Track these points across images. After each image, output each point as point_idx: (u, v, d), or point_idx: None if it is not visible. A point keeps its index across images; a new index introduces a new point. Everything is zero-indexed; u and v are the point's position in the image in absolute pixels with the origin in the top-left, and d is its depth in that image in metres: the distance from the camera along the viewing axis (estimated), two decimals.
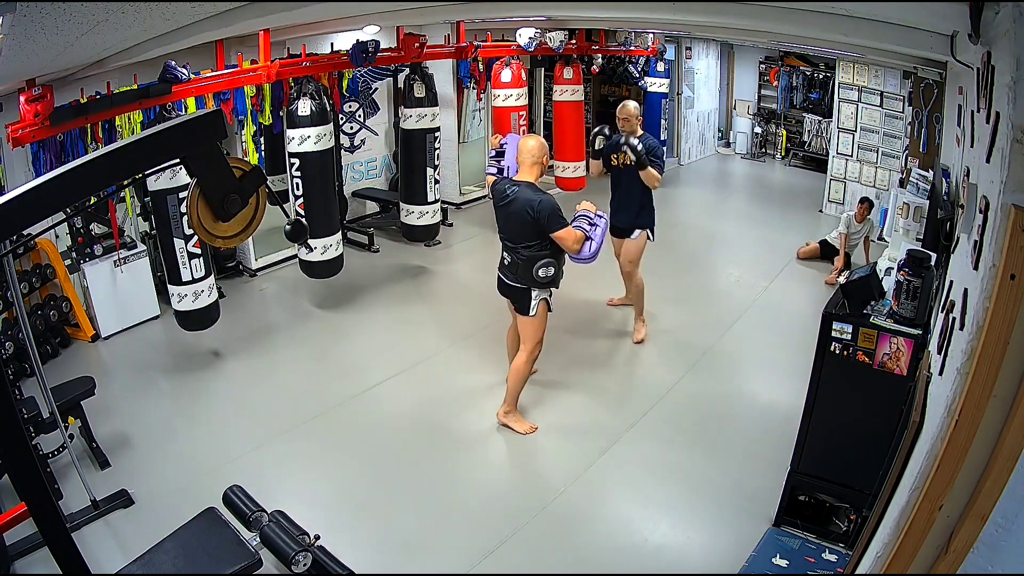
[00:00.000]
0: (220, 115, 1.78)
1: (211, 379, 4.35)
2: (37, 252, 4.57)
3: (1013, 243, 1.18)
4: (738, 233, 7.45)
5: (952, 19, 2.02)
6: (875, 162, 7.47)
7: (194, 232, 2.80)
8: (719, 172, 10.38)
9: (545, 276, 3.48)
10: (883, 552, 1.61)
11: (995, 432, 1.27)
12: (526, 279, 3.50)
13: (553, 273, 3.51)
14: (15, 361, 4.13)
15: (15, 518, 2.48)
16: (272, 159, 5.56)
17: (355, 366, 4.45)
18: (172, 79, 4.16)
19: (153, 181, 3.90)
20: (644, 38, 8.36)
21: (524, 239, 3.46)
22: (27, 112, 3.52)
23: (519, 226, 3.45)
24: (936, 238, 2.88)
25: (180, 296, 4.19)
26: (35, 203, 1.41)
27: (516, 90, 6.53)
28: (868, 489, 2.44)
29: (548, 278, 3.50)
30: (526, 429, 3.76)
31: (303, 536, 2.67)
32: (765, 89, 10.72)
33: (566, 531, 3.11)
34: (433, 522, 3.16)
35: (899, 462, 1.89)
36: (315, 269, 5.02)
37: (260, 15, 3.19)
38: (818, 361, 2.82)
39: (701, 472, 3.47)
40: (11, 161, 4.29)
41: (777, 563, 2.80)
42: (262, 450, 3.62)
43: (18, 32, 1.88)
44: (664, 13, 4.49)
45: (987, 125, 1.43)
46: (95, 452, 3.52)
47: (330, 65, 5.17)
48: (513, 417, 3.78)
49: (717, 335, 4.91)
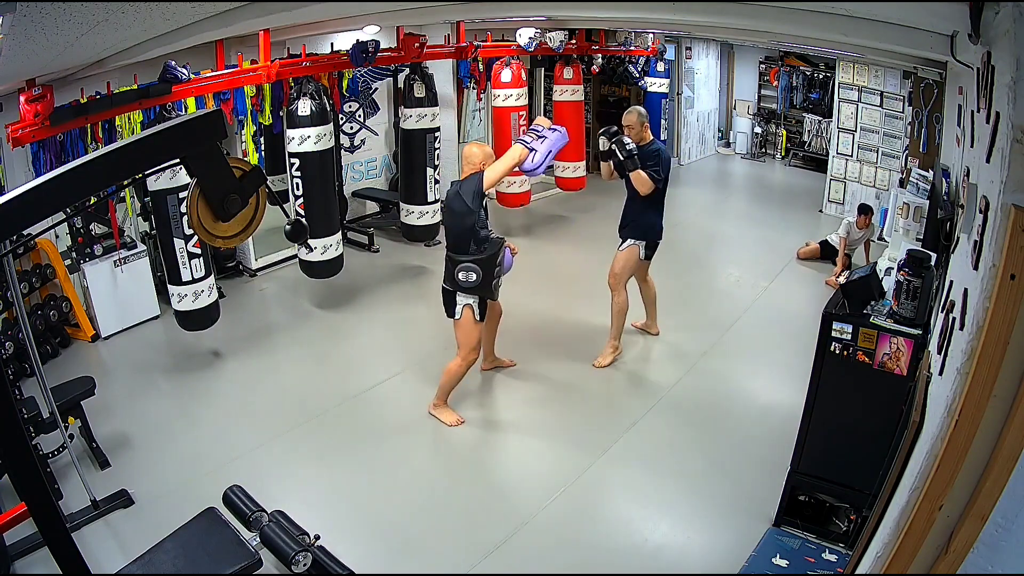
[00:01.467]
0: (220, 115, 1.78)
1: (211, 379, 4.35)
2: (37, 252, 4.57)
3: (1013, 243, 1.18)
4: (738, 233, 7.45)
5: (952, 19, 2.02)
6: (875, 162, 7.47)
7: (194, 232, 2.79)
8: (719, 172, 10.38)
9: (466, 280, 3.47)
10: (883, 552, 1.61)
11: (995, 432, 1.27)
12: (450, 281, 3.54)
13: (475, 280, 3.46)
14: (15, 361, 4.13)
15: (15, 518, 2.48)
16: (272, 159, 5.56)
17: (355, 366, 4.45)
18: (172, 79, 4.16)
19: (153, 181, 3.90)
20: (644, 38, 8.36)
21: (451, 236, 3.55)
22: (27, 112, 3.52)
23: (449, 222, 3.58)
24: (936, 238, 2.88)
25: (180, 296, 4.19)
26: (35, 203, 1.41)
27: (516, 90, 6.53)
28: (868, 489, 2.44)
29: (470, 284, 3.48)
30: (453, 421, 3.81)
31: (303, 536, 2.67)
32: (765, 89, 10.72)
33: (566, 531, 3.10)
34: (433, 522, 3.16)
35: (899, 462, 1.89)
36: (315, 269, 5.02)
37: (260, 15, 3.19)
38: (818, 361, 2.82)
39: (701, 472, 3.47)
40: (11, 161, 4.28)
41: (777, 563, 2.80)
42: (262, 450, 3.61)
43: (18, 32, 1.89)
44: (664, 13, 4.49)
45: (987, 125, 1.43)
46: (95, 452, 3.51)
47: (330, 65, 5.17)
48: (441, 410, 3.84)
49: (717, 335, 4.91)
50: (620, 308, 4.40)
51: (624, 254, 4.33)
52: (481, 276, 3.47)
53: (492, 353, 4.30)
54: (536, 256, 5.99)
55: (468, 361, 3.69)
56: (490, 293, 3.60)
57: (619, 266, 4.34)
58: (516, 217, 7.38)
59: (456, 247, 3.51)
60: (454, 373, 3.73)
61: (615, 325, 4.44)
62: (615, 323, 4.44)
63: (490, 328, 4.12)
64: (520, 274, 5.98)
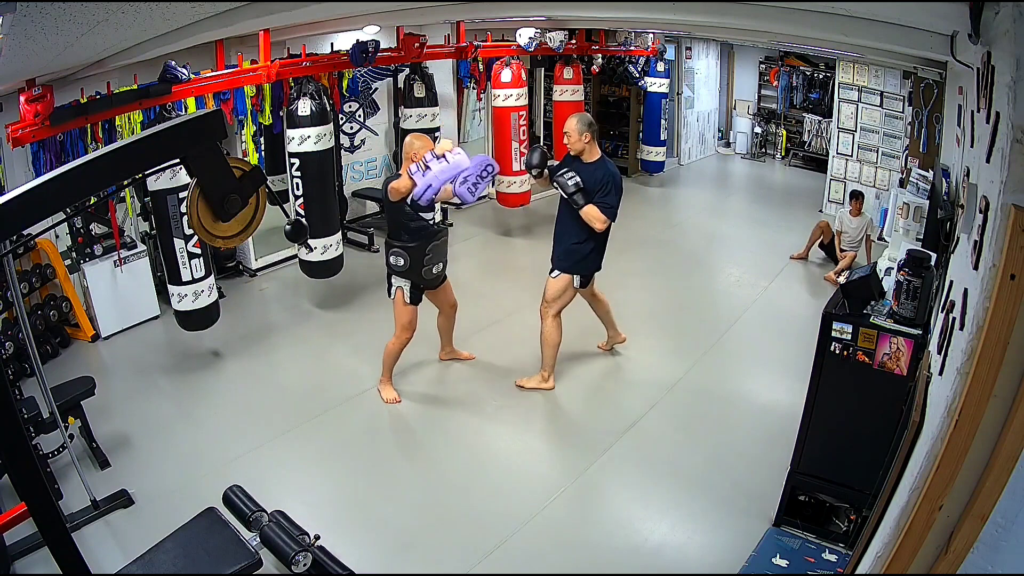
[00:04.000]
0: (220, 115, 1.78)
1: (211, 379, 4.35)
2: (37, 252, 4.57)
3: (1013, 243, 1.18)
4: (738, 233, 7.45)
5: (952, 19, 2.02)
6: (875, 162, 7.47)
7: (194, 232, 2.80)
8: (719, 172, 10.39)
9: (395, 264, 3.72)
10: (883, 552, 1.61)
11: (995, 432, 1.27)
12: (386, 264, 3.81)
13: (403, 265, 3.69)
14: (15, 361, 4.13)
15: (15, 518, 2.47)
16: (272, 159, 5.56)
17: (355, 366, 4.44)
18: (172, 79, 4.16)
19: (153, 181, 3.90)
20: (644, 38, 8.36)
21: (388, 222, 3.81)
22: (27, 112, 3.52)
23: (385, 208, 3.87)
24: (936, 238, 2.88)
25: (180, 296, 4.19)
26: (35, 203, 1.41)
27: (516, 90, 6.53)
28: (868, 489, 2.44)
29: (399, 268, 3.72)
30: (389, 398, 4.02)
31: (303, 536, 2.67)
32: (765, 89, 10.72)
33: (566, 531, 3.10)
34: (433, 522, 3.16)
35: (899, 462, 1.89)
36: (315, 269, 5.02)
37: (260, 15, 3.19)
38: (818, 361, 2.82)
39: (701, 472, 3.47)
40: (11, 161, 4.28)
41: (777, 563, 2.80)
42: (262, 450, 3.61)
43: (18, 32, 1.88)
44: (664, 13, 4.49)
45: (987, 125, 1.43)
46: (95, 452, 3.51)
47: (330, 65, 5.17)
48: (382, 386, 4.08)
49: (717, 335, 4.91)
50: (547, 339, 3.98)
51: (554, 283, 3.88)
52: (409, 262, 3.69)
53: (450, 344, 4.43)
54: (536, 256, 5.98)
55: (400, 340, 3.90)
56: (420, 279, 3.78)
57: (549, 294, 3.91)
58: (516, 217, 7.38)
59: (390, 232, 3.80)
60: (388, 351, 3.97)
61: (544, 356, 4.04)
62: (544, 354, 4.04)
63: (445, 320, 4.29)
64: (520, 273, 6.02)
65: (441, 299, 4.12)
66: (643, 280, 5.91)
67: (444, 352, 4.45)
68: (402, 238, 3.67)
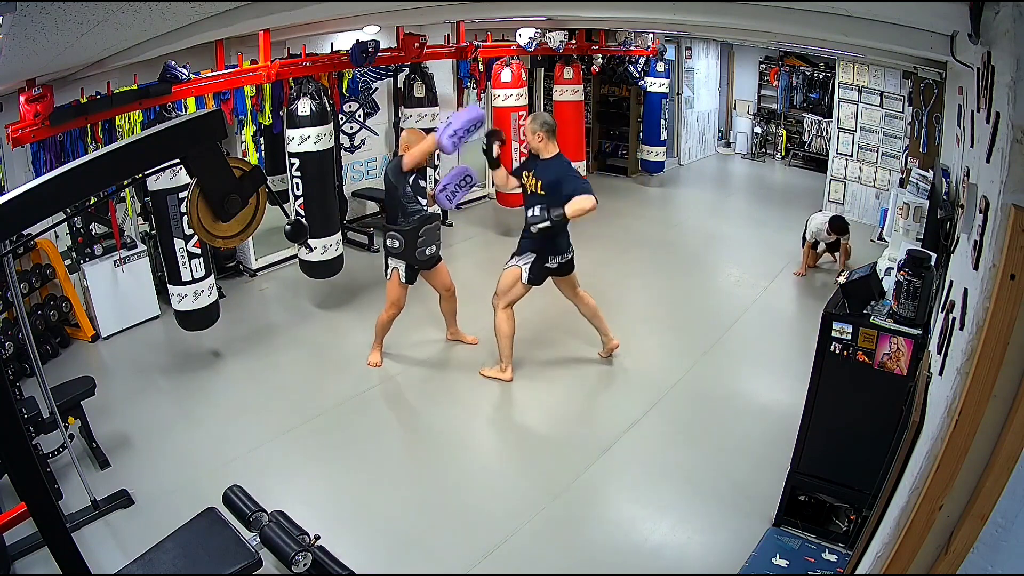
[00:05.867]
0: (220, 115, 1.78)
1: (211, 379, 4.35)
2: (37, 252, 4.57)
3: (1013, 243, 1.18)
4: (738, 233, 7.45)
5: (952, 19, 2.02)
6: (875, 162, 7.47)
7: (194, 232, 2.80)
8: (719, 172, 10.38)
9: (392, 246, 4.04)
10: (883, 552, 1.61)
11: (995, 432, 1.27)
12: (383, 247, 4.12)
13: (399, 247, 4.00)
14: (15, 361, 4.13)
15: (15, 518, 2.48)
16: (272, 159, 5.55)
17: (355, 366, 4.44)
18: (172, 79, 4.17)
19: (153, 181, 3.90)
20: (644, 38, 8.36)
21: (386, 207, 4.07)
22: (27, 112, 3.52)
23: (384, 194, 4.13)
24: (936, 238, 2.88)
25: (180, 296, 4.19)
26: (35, 203, 1.41)
27: (516, 90, 6.53)
28: (868, 489, 2.44)
29: (395, 249, 4.03)
30: (372, 362, 4.39)
31: (303, 536, 2.67)
32: (765, 89, 10.72)
33: (566, 531, 3.11)
34: (433, 522, 3.16)
35: (899, 462, 1.89)
36: (315, 269, 5.03)
37: (260, 15, 3.19)
38: (818, 361, 2.82)
39: (701, 472, 3.47)
40: (11, 161, 4.28)
41: (777, 563, 2.80)
42: (262, 450, 3.61)
43: (18, 32, 1.88)
44: (664, 13, 4.49)
45: (987, 125, 1.43)
46: (95, 452, 3.51)
47: (330, 65, 5.18)
48: (373, 351, 4.43)
49: (717, 335, 4.91)
50: (499, 329, 4.05)
51: (506, 273, 3.99)
52: (404, 244, 4.00)
53: (454, 325, 4.66)
54: None
55: (389, 314, 4.26)
56: (414, 260, 4.07)
57: (500, 286, 4.02)
58: (516, 217, 7.36)
59: (388, 217, 4.13)
60: (379, 323, 4.34)
61: (500, 347, 4.12)
62: (499, 344, 4.11)
63: (446, 304, 4.52)
64: None
65: (436, 281, 4.36)
66: (643, 280, 5.90)
67: (450, 333, 4.70)
68: (399, 221, 3.99)
